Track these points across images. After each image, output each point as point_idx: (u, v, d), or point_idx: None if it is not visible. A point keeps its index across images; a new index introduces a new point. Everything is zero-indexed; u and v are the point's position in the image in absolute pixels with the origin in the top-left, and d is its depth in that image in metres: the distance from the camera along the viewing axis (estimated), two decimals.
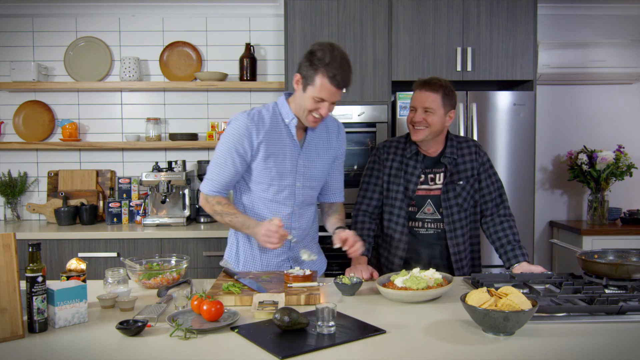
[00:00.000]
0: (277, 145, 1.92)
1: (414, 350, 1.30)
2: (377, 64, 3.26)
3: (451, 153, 2.15)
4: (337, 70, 1.76)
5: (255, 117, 1.91)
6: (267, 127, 1.91)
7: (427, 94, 2.06)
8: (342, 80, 1.79)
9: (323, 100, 1.81)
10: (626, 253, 1.94)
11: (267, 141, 1.90)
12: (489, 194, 2.20)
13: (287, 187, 1.96)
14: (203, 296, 1.51)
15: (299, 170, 1.97)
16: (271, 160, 1.91)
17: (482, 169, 2.19)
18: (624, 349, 1.33)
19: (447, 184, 2.14)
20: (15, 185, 3.62)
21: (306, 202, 2.03)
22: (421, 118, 2.06)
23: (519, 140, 3.24)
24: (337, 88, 1.79)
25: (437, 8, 3.25)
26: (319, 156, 2.01)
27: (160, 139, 3.64)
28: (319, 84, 1.79)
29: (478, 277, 1.89)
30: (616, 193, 3.73)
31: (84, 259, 1.89)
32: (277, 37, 3.65)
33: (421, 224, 2.17)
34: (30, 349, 1.35)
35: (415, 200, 2.16)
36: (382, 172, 2.21)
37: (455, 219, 2.15)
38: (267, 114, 1.93)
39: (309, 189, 2.01)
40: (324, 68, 1.76)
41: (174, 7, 3.68)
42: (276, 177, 1.93)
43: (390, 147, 2.22)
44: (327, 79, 1.77)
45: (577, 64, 3.57)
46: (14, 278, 1.41)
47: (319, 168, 2.01)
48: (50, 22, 3.69)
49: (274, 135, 1.92)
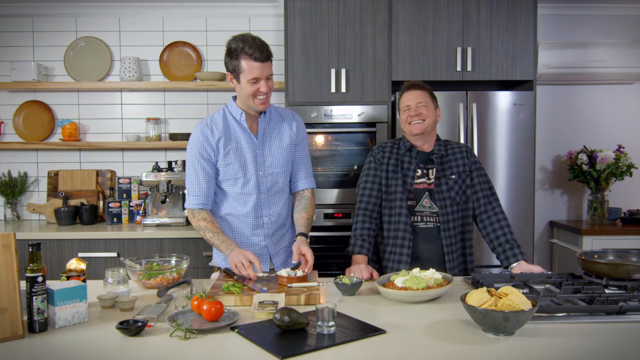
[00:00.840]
0: (234, 141, 2.07)
1: (414, 350, 1.30)
2: (377, 64, 3.26)
3: (439, 150, 2.25)
4: (253, 49, 1.92)
5: (208, 122, 2.08)
6: (220, 127, 2.07)
7: (417, 92, 2.22)
8: (262, 53, 1.94)
9: (258, 79, 1.96)
10: (626, 253, 1.94)
11: (224, 139, 2.06)
12: (482, 190, 2.25)
13: (251, 178, 2.08)
14: (203, 296, 1.51)
15: (259, 160, 2.09)
16: (231, 155, 2.06)
17: (473, 167, 2.26)
18: (624, 349, 1.33)
19: (440, 178, 2.21)
20: (15, 185, 3.62)
21: (273, 189, 2.13)
22: (418, 111, 2.18)
23: (519, 140, 3.24)
24: (262, 62, 1.94)
25: (437, 8, 3.25)
26: (276, 143, 2.13)
27: (160, 139, 3.65)
28: (246, 68, 1.94)
29: (478, 277, 1.89)
30: (616, 193, 3.73)
31: (84, 259, 1.89)
32: (277, 37, 3.65)
33: (420, 218, 2.21)
34: (30, 349, 1.35)
35: (414, 193, 2.21)
36: (379, 169, 2.26)
37: (449, 211, 2.19)
38: (219, 116, 2.11)
39: (272, 176, 2.12)
40: (243, 53, 1.93)
41: (174, 7, 3.68)
42: (240, 170, 2.07)
43: (385, 148, 2.31)
44: (250, 59, 1.93)
45: (577, 64, 3.57)
46: (14, 278, 1.41)
47: (278, 155, 2.12)
48: (50, 22, 3.69)
49: (229, 133, 2.08)
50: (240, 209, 2.11)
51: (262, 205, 2.11)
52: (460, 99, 3.22)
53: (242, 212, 2.11)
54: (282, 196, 2.17)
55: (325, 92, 3.26)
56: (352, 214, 3.27)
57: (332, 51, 3.24)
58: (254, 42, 1.94)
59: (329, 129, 3.26)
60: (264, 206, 2.12)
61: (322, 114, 3.25)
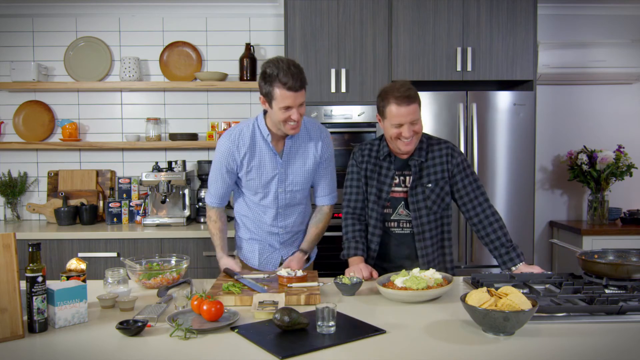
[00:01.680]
0: (258, 158, 2.13)
1: (414, 350, 1.30)
2: (377, 64, 3.26)
3: (419, 156, 2.11)
4: (288, 78, 1.92)
5: (234, 137, 2.13)
6: (247, 144, 2.12)
7: (408, 109, 1.99)
8: (296, 84, 1.94)
9: (289, 107, 1.97)
10: (626, 253, 1.94)
11: (249, 156, 2.12)
12: (467, 194, 2.12)
13: (270, 193, 2.16)
14: (203, 296, 1.52)
15: (280, 178, 2.15)
16: (253, 172, 2.13)
17: (456, 170, 2.12)
18: (624, 349, 1.33)
19: (416, 187, 2.11)
20: (15, 185, 3.62)
21: (291, 204, 2.21)
22: (411, 132, 2.01)
23: (519, 140, 3.24)
24: (295, 92, 1.95)
25: (437, 8, 3.25)
26: (300, 162, 2.17)
27: (160, 139, 3.65)
28: (279, 96, 1.95)
29: (478, 277, 1.89)
30: (616, 193, 3.73)
31: (84, 259, 1.89)
32: (277, 37, 3.65)
33: (396, 224, 2.17)
34: (30, 349, 1.35)
35: (390, 201, 2.16)
36: (360, 174, 2.20)
37: (424, 221, 2.12)
38: (247, 132, 2.14)
39: (291, 193, 2.19)
40: (277, 81, 1.93)
41: (174, 7, 3.68)
42: (260, 186, 2.15)
43: (365, 150, 2.22)
44: (283, 89, 1.93)
45: (577, 64, 3.57)
46: (14, 278, 1.41)
47: (300, 174, 2.18)
48: (50, 22, 3.69)
49: (254, 150, 2.13)
50: (258, 217, 2.23)
51: (279, 217, 2.21)
52: (460, 99, 3.22)
53: (259, 220, 2.23)
54: (299, 207, 2.25)
55: (325, 92, 3.26)
56: None
57: (332, 51, 3.24)
58: (289, 69, 1.93)
59: (329, 129, 3.24)
60: (280, 218, 2.21)
61: (322, 114, 3.25)
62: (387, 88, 2.07)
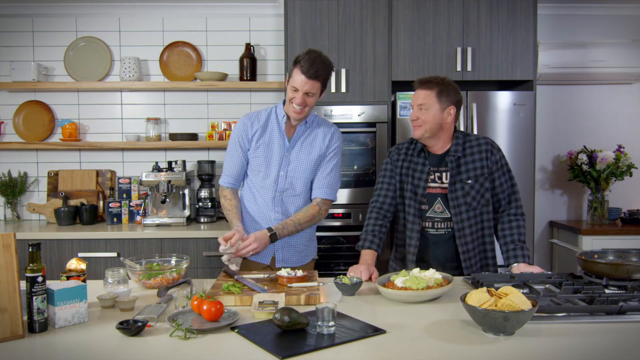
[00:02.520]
0: (267, 137, 2.24)
1: (414, 350, 1.30)
2: (377, 64, 3.26)
3: (455, 151, 2.13)
4: (307, 63, 2.07)
5: (252, 115, 2.29)
6: (261, 122, 2.26)
7: (420, 92, 2.13)
8: (309, 71, 2.06)
9: (297, 89, 2.10)
10: (626, 253, 1.94)
11: (259, 133, 2.24)
12: (502, 192, 2.16)
13: (271, 174, 2.23)
14: (203, 296, 1.51)
15: (284, 162, 2.23)
16: (260, 149, 2.23)
17: (495, 167, 2.15)
18: (624, 349, 1.33)
19: (455, 183, 2.12)
20: (15, 185, 3.62)
21: (290, 192, 2.25)
22: (415, 116, 2.12)
23: (519, 140, 3.25)
24: (307, 77, 2.07)
25: (437, 8, 3.25)
26: (305, 152, 2.24)
27: (160, 139, 3.64)
28: (294, 76, 2.11)
29: (478, 277, 1.89)
30: (616, 193, 3.73)
31: (84, 259, 1.89)
32: (277, 37, 3.65)
33: (431, 224, 2.16)
34: (30, 349, 1.35)
35: (427, 197, 2.15)
36: (394, 172, 2.23)
37: (464, 217, 2.12)
38: (265, 113, 2.30)
39: (292, 179, 2.23)
40: (299, 63, 2.09)
41: (174, 7, 3.68)
42: (263, 164, 2.23)
43: (401, 149, 2.26)
44: (299, 70, 2.09)
45: (577, 64, 3.57)
46: (14, 278, 1.41)
47: (304, 161, 2.24)
48: (50, 22, 3.69)
49: (266, 129, 2.25)
50: (257, 201, 2.26)
51: (276, 203, 2.24)
52: None
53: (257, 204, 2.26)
54: (297, 200, 2.26)
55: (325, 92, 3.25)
56: (352, 215, 3.27)
57: (332, 51, 3.24)
58: (313, 58, 2.07)
59: None
60: (277, 204, 2.24)
61: (322, 114, 3.24)
62: None
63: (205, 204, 3.51)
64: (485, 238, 2.19)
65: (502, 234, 2.14)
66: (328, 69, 2.13)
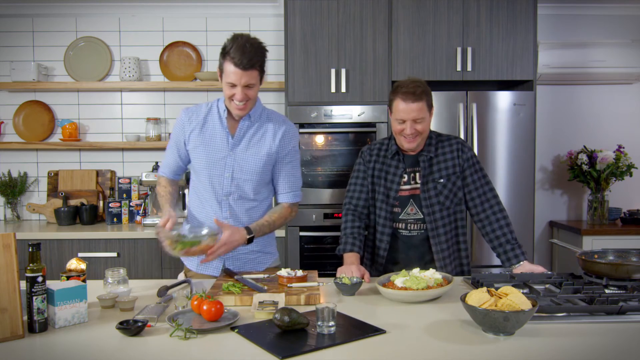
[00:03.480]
0: (207, 135, 2.03)
1: (414, 350, 1.30)
2: (377, 64, 3.25)
3: (428, 151, 2.11)
4: (237, 53, 1.85)
5: (190, 110, 2.09)
6: (200, 118, 2.06)
7: (413, 106, 2.00)
8: (243, 60, 1.85)
9: (234, 85, 1.90)
10: (626, 253, 1.94)
11: (197, 131, 2.04)
12: (476, 189, 2.12)
13: (215, 176, 2.03)
14: (203, 296, 1.51)
15: (228, 162, 2.02)
16: (200, 149, 2.03)
17: (466, 165, 2.11)
18: (624, 349, 1.33)
19: (427, 182, 2.10)
20: (15, 185, 3.62)
21: (238, 195, 2.03)
22: (413, 130, 2.02)
23: (519, 140, 3.24)
24: (242, 69, 1.87)
25: (437, 8, 3.24)
26: (252, 151, 2.03)
27: (160, 139, 3.64)
28: (226, 70, 1.91)
29: (478, 277, 1.89)
30: (616, 193, 3.73)
31: (84, 259, 1.89)
32: (277, 37, 3.65)
33: (404, 226, 2.14)
34: (30, 349, 1.35)
35: (399, 200, 2.13)
36: (367, 173, 2.19)
37: (437, 217, 2.10)
38: (205, 107, 2.09)
39: (238, 182, 2.02)
40: (228, 55, 1.88)
41: (174, 7, 3.68)
42: (205, 166, 2.03)
43: (373, 150, 2.21)
44: (231, 63, 1.88)
45: (577, 64, 3.57)
46: (14, 278, 1.41)
47: (251, 161, 2.02)
48: (50, 22, 3.69)
49: (206, 126, 2.05)
50: (204, 205, 2.06)
51: (223, 207, 2.03)
52: (460, 99, 3.22)
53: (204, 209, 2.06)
54: (248, 203, 2.05)
55: (325, 92, 3.26)
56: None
57: (332, 51, 3.24)
58: (243, 46, 1.85)
59: (328, 129, 3.26)
60: (225, 208, 2.03)
61: (322, 114, 3.25)
62: (399, 83, 2.07)
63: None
64: (459, 237, 2.17)
65: (495, 235, 2.09)
66: (262, 52, 1.91)
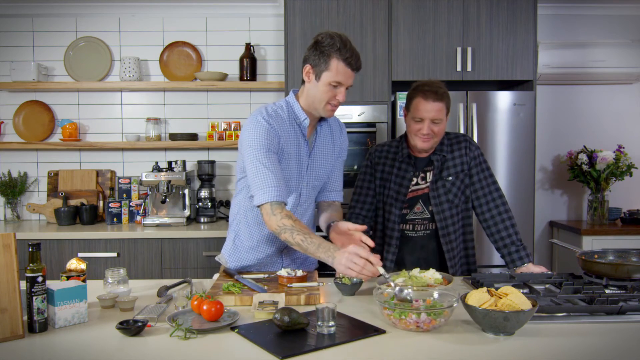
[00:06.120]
0: (291, 146, 1.86)
1: (414, 350, 1.30)
2: (377, 64, 3.25)
3: (441, 150, 2.11)
4: (349, 53, 1.76)
5: (270, 116, 1.83)
6: (285, 127, 1.85)
7: (434, 105, 1.98)
8: (356, 63, 1.78)
9: (340, 84, 1.78)
10: (626, 253, 1.94)
11: (284, 142, 1.84)
12: (482, 188, 2.12)
13: (293, 188, 1.91)
14: (203, 296, 1.51)
15: (306, 171, 1.93)
16: (284, 161, 1.86)
17: (473, 163, 2.12)
18: (624, 349, 1.32)
19: (437, 181, 2.10)
20: (15, 185, 3.62)
21: (308, 201, 2.00)
22: (429, 130, 2.00)
23: (519, 140, 3.24)
24: (353, 70, 1.78)
25: (437, 8, 3.24)
26: (325, 155, 1.98)
27: (160, 139, 3.65)
28: (334, 68, 1.75)
29: (478, 277, 1.88)
30: (616, 193, 3.73)
31: (84, 259, 1.89)
32: (277, 37, 3.65)
33: (411, 227, 2.14)
34: (30, 349, 1.35)
35: (407, 202, 2.13)
36: (374, 176, 2.19)
37: (447, 215, 2.10)
38: (284, 115, 1.86)
39: (313, 189, 1.99)
40: (337, 52, 1.75)
41: (174, 7, 3.68)
42: (289, 178, 1.88)
43: (382, 152, 2.20)
44: (342, 61, 1.75)
45: (577, 64, 3.57)
46: (14, 278, 1.40)
47: (324, 167, 1.98)
48: (50, 22, 3.69)
49: (289, 137, 1.86)
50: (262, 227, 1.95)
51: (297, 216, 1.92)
52: (460, 99, 3.22)
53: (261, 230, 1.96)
54: (310, 208, 2.04)
55: None
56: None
57: None
58: (352, 47, 1.77)
59: None
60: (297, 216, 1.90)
61: None
62: (420, 82, 2.06)
63: (205, 204, 3.51)
64: (466, 236, 2.17)
65: (500, 236, 2.10)
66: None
